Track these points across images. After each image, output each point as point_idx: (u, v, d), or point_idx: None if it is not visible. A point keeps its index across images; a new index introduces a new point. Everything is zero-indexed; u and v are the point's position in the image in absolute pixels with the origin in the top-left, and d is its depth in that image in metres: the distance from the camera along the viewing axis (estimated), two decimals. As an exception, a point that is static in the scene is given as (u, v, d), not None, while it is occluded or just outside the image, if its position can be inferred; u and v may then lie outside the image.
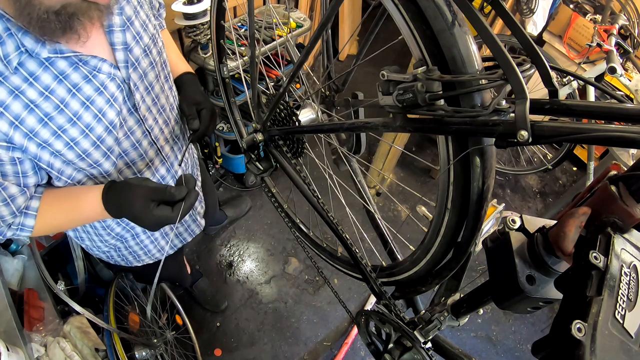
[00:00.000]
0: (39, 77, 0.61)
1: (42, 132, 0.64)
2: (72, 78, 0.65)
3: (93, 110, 0.68)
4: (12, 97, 0.59)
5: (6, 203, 0.67)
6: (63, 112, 0.65)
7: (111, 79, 0.70)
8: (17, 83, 0.60)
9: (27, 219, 0.72)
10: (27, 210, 0.72)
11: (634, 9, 1.78)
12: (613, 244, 0.37)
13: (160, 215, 0.67)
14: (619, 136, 0.33)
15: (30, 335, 1.07)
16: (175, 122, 0.94)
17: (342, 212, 0.88)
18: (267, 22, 1.83)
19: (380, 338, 0.73)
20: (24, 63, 0.60)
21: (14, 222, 0.71)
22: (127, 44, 0.72)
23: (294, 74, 0.71)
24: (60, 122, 0.65)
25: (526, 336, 1.95)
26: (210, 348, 1.78)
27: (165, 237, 1.07)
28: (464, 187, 0.51)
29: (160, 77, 0.84)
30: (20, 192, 0.69)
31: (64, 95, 0.64)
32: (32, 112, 0.62)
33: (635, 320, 0.34)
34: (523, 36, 0.38)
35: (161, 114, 0.86)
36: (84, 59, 0.65)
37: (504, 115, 0.40)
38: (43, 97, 0.62)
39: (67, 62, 0.64)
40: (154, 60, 0.80)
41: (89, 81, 0.67)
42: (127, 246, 1.01)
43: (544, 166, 2.31)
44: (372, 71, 1.02)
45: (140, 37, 0.75)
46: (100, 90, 0.69)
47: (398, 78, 0.47)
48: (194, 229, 1.16)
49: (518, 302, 0.43)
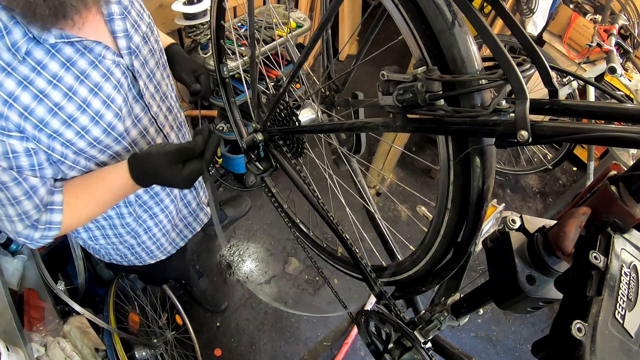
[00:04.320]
0: (46, 65, 0.61)
1: (52, 122, 0.64)
2: (80, 64, 0.65)
3: (102, 97, 0.69)
4: (21, 87, 0.60)
5: (29, 196, 0.66)
6: (72, 100, 0.65)
7: (116, 65, 0.71)
8: (26, 73, 0.60)
9: (54, 215, 0.71)
10: (52, 206, 0.71)
11: (634, 9, 1.78)
12: (613, 244, 0.37)
13: (189, 173, 0.69)
14: (619, 136, 0.33)
15: (30, 335, 1.07)
16: (177, 109, 0.96)
17: (342, 212, 0.88)
18: (267, 22, 1.82)
19: (380, 338, 0.73)
20: (31, 52, 0.60)
21: (40, 220, 0.70)
22: (127, 31, 0.73)
23: (294, 74, 0.71)
24: (70, 111, 0.65)
25: (526, 336, 1.95)
26: (210, 348, 1.78)
27: (175, 228, 1.07)
28: (464, 187, 0.51)
29: (159, 65, 0.85)
30: (41, 182, 0.68)
31: (72, 82, 0.65)
32: (41, 102, 0.62)
33: (635, 321, 0.34)
34: (523, 36, 0.38)
35: (164, 101, 0.88)
36: (89, 46, 0.66)
37: (504, 115, 0.40)
38: (52, 85, 0.62)
39: (73, 48, 0.64)
40: (153, 48, 0.82)
41: (96, 67, 0.67)
42: (140, 242, 1.01)
43: (544, 166, 2.31)
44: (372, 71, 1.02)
45: (138, 25, 0.76)
46: (107, 76, 0.69)
47: (398, 78, 0.47)
48: (202, 218, 1.17)
49: (518, 302, 0.43)
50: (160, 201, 0.96)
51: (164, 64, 0.88)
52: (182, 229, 1.12)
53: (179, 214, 1.07)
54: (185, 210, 1.09)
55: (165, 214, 1.00)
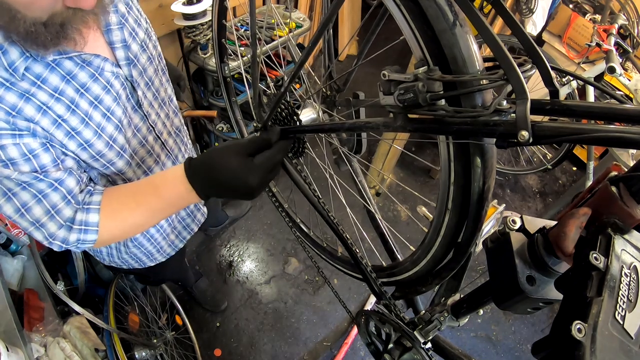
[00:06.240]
0: (46, 79, 0.61)
1: (56, 134, 0.63)
2: (80, 78, 0.65)
3: (102, 110, 0.68)
4: (23, 100, 0.58)
5: (54, 187, 0.62)
6: (75, 113, 0.64)
7: (115, 77, 0.70)
8: (26, 87, 0.59)
9: (90, 214, 0.65)
10: (89, 205, 0.65)
11: (634, 9, 1.78)
12: (613, 245, 0.37)
13: (263, 162, 0.58)
14: (619, 137, 0.33)
15: (30, 335, 1.07)
16: (174, 114, 0.95)
17: (342, 212, 0.88)
18: (268, 23, 1.82)
19: (380, 338, 0.73)
20: (30, 67, 0.59)
21: (75, 220, 0.64)
22: (125, 41, 0.72)
23: (295, 73, 0.71)
24: (74, 124, 0.65)
25: (526, 336, 1.95)
26: (210, 348, 1.78)
27: (173, 230, 1.07)
28: (465, 188, 0.51)
29: (158, 71, 0.84)
30: (65, 173, 0.63)
31: (73, 95, 0.64)
32: (45, 115, 0.61)
33: (635, 321, 0.34)
34: (523, 36, 0.38)
35: (162, 108, 0.87)
36: (88, 59, 0.65)
37: (504, 116, 0.40)
38: (54, 98, 0.62)
39: (72, 62, 0.64)
40: (151, 55, 0.81)
41: (96, 80, 0.67)
42: (139, 245, 1.01)
43: (544, 166, 2.32)
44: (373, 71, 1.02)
45: (135, 33, 0.75)
46: (107, 88, 0.69)
47: (399, 78, 0.47)
48: (200, 219, 1.17)
49: (518, 302, 0.43)
50: None
51: (162, 69, 0.87)
52: (181, 230, 1.12)
53: (177, 216, 1.07)
54: (183, 212, 1.09)
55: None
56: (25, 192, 0.62)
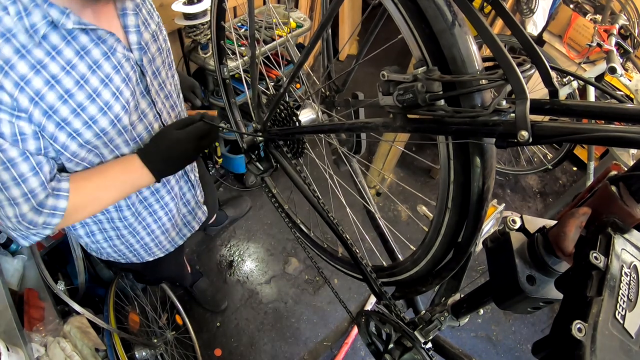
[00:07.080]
0: (61, 51, 0.62)
1: (61, 110, 0.64)
2: (93, 54, 0.66)
3: (112, 88, 0.70)
4: (33, 72, 0.60)
5: (35, 172, 0.66)
6: (83, 88, 0.66)
7: (126, 59, 0.72)
8: (40, 57, 0.60)
9: (60, 200, 0.70)
10: (59, 192, 0.70)
11: (634, 9, 1.78)
12: (613, 244, 0.37)
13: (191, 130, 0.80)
14: (619, 136, 0.33)
15: (30, 335, 1.07)
16: (180, 107, 0.97)
17: (342, 212, 0.88)
18: (267, 22, 1.82)
19: (381, 338, 0.73)
20: (48, 36, 0.60)
21: (46, 204, 0.69)
22: (138, 27, 0.74)
23: (295, 74, 0.71)
24: (80, 99, 0.66)
25: (526, 336, 1.95)
26: (210, 348, 1.78)
27: (175, 227, 1.07)
28: (465, 187, 0.51)
29: (165, 64, 0.86)
30: (45, 159, 0.67)
31: (85, 71, 0.65)
32: (52, 88, 0.62)
33: (635, 321, 0.34)
34: (523, 36, 0.38)
35: (167, 99, 0.89)
36: (103, 36, 0.67)
37: (504, 116, 0.40)
38: (64, 71, 0.63)
39: (88, 37, 0.65)
40: (161, 47, 0.83)
41: (108, 58, 0.68)
42: (139, 239, 1.01)
43: (544, 166, 2.32)
44: (372, 71, 1.02)
45: (147, 23, 0.78)
46: (117, 68, 0.70)
47: (398, 78, 0.47)
48: (200, 216, 1.18)
49: (518, 302, 0.43)
50: (160, 198, 0.97)
51: (169, 64, 0.89)
52: (182, 227, 1.12)
53: (179, 212, 1.07)
54: (184, 209, 1.09)
55: (166, 211, 1.00)
56: (6, 172, 0.64)
